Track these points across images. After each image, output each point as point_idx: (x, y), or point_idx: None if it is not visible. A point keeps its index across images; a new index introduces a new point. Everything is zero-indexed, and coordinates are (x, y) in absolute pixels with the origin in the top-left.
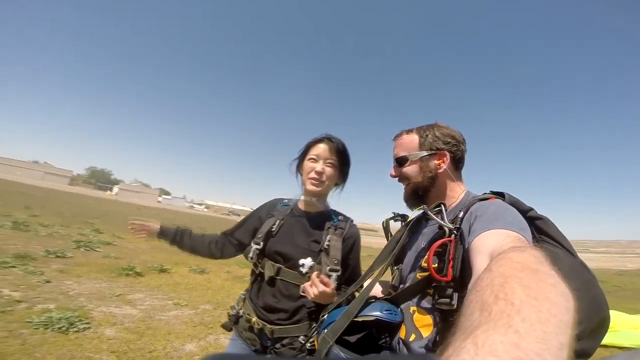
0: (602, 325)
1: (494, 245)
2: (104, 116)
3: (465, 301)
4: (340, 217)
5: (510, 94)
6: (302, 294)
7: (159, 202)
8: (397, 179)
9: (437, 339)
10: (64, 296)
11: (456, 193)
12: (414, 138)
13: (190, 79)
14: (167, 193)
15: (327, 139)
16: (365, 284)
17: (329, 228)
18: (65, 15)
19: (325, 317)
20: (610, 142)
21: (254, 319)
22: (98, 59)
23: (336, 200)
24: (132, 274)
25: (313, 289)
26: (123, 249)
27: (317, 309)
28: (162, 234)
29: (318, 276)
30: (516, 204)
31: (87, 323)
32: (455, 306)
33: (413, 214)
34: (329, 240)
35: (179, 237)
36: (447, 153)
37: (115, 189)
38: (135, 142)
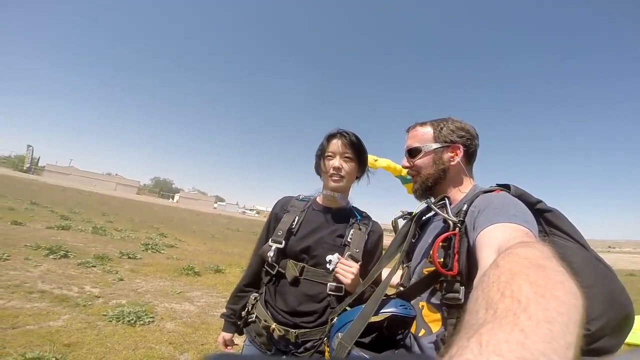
0: (625, 321)
1: (501, 239)
2: (166, 130)
3: (470, 297)
4: (363, 214)
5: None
6: (330, 292)
7: (214, 208)
8: (408, 170)
9: (447, 334)
10: (134, 293)
11: (465, 187)
12: (428, 130)
13: (243, 97)
14: (222, 200)
15: (340, 134)
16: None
17: (354, 223)
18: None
19: (335, 320)
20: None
21: (273, 325)
22: (155, 82)
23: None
24: (192, 274)
25: (347, 272)
26: (184, 251)
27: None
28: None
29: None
30: (523, 196)
31: (152, 317)
32: (462, 301)
33: (418, 208)
34: (352, 234)
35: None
36: (461, 146)
37: (177, 196)
38: (193, 153)
